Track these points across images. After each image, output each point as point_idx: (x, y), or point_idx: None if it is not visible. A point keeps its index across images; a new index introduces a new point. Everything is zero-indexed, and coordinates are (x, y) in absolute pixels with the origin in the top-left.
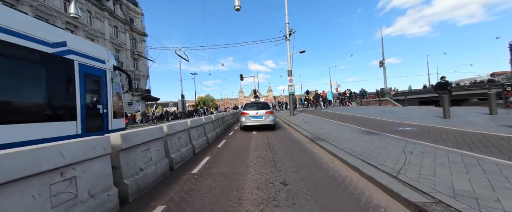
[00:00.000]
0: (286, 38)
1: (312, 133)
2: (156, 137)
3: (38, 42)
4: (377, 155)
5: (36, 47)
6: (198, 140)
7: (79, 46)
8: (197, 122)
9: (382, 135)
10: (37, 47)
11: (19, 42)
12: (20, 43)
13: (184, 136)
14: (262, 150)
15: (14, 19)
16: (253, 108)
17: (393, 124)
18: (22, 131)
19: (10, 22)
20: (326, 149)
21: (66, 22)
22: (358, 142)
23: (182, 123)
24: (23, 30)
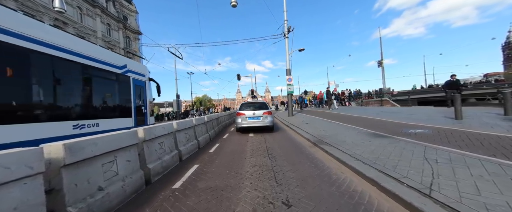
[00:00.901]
0: (284, 35)
1: (314, 136)
2: (126, 145)
3: (114, 67)
4: (394, 164)
5: (113, 70)
6: (187, 144)
7: (132, 66)
8: (185, 124)
9: (393, 138)
10: (113, 70)
11: (106, 68)
12: (107, 69)
13: (168, 141)
14: (259, 156)
15: (105, 54)
16: (250, 109)
17: (401, 126)
18: (109, 124)
19: (103, 57)
20: (333, 155)
21: (54, 19)
22: (368, 147)
23: (166, 126)
24: (108, 60)
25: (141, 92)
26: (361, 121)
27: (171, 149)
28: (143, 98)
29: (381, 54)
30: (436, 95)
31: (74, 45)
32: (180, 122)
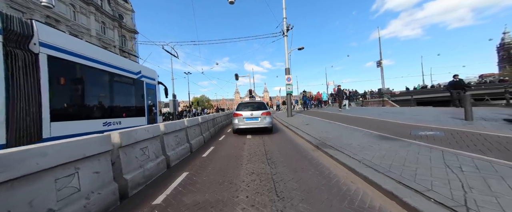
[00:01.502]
0: (283, 34)
1: (315, 138)
2: (93, 153)
3: (132, 73)
4: (413, 172)
5: (131, 76)
6: (177, 149)
7: (145, 71)
8: (175, 126)
9: (403, 141)
10: (131, 75)
11: (126, 75)
12: (127, 75)
13: (153, 146)
14: (257, 162)
15: (124, 63)
16: (248, 109)
17: (408, 127)
18: (128, 122)
19: (124, 65)
20: (339, 161)
21: (46, 16)
22: (377, 151)
23: (151, 128)
24: (127, 68)
25: (152, 94)
26: (364, 122)
27: (157, 155)
28: (154, 99)
29: (380, 54)
30: (438, 95)
31: (103, 57)
32: (169, 124)
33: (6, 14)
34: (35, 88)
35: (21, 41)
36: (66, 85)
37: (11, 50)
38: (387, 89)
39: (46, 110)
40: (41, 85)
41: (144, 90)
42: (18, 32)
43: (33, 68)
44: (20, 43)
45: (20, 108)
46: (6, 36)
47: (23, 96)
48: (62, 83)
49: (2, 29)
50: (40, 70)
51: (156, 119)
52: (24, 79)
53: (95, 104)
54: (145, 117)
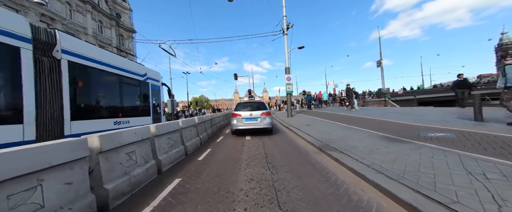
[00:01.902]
0: (283, 32)
1: (318, 139)
2: (63, 162)
3: (139, 75)
4: (431, 179)
5: (138, 78)
6: (170, 152)
7: (150, 73)
8: (168, 127)
9: (413, 143)
10: (138, 78)
11: (134, 77)
12: (134, 77)
13: (141, 149)
14: (257, 166)
15: (132, 66)
16: (247, 109)
17: (415, 128)
18: (135, 121)
19: (132, 68)
20: (346, 165)
21: (40, 14)
22: (386, 154)
23: (140, 130)
24: (135, 70)
25: (156, 95)
26: (367, 122)
27: (147, 160)
28: (158, 100)
29: (380, 53)
30: (441, 95)
31: (114, 61)
32: (161, 125)
33: (34, 26)
34: (58, 90)
35: (46, 49)
36: (83, 87)
37: (39, 57)
38: (387, 89)
39: (67, 110)
40: (63, 88)
41: (149, 91)
42: (44, 41)
43: (56, 72)
44: (45, 51)
45: (46, 108)
46: (35, 45)
47: (48, 98)
48: (80, 85)
49: (31, 39)
50: (62, 75)
51: (160, 119)
52: (49, 82)
53: (108, 104)
54: (150, 117)
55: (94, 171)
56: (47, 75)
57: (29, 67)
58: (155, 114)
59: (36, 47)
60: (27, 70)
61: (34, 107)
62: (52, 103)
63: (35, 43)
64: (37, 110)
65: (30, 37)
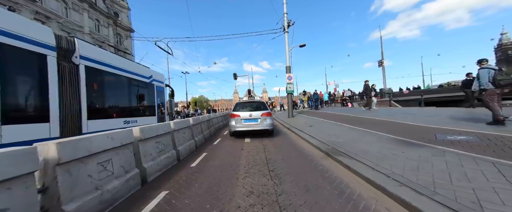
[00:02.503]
0: (284, 30)
1: (323, 142)
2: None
3: (145, 77)
4: (472, 196)
5: (144, 80)
6: (158, 158)
7: (155, 76)
8: (156, 130)
9: (432, 147)
10: (145, 80)
11: (141, 79)
12: (141, 80)
13: (120, 157)
14: (257, 174)
15: (139, 69)
16: (246, 109)
17: (428, 130)
18: (142, 121)
19: (139, 71)
20: (360, 175)
21: (35, 12)
22: (405, 161)
23: (118, 134)
24: (142, 73)
25: (161, 96)
26: (373, 123)
27: (128, 169)
28: (163, 100)
29: (381, 53)
30: (450, 95)
31: (124, 64)
32: (148, 128)
33: (57, 35)
34: (77, 92)
35: (67, 55)
36: (97, 89)
37: (61, 62)
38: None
39: (84, 110)
40: (81, 90)
41: (154, 92)
42: (65, 48)
43: (75, 76)
44: (66, 57)
45: (67, 108)
46: (58, 52)
47: (69, 99)
48: (95, 88)
49: (55, 47)
50: (80, 78)
51: (164, 118)
52: (69, 85)
53: (119, 105)
54: (155, 116)
55: (49, 188)
56: (68, 79)
57: (53, 72)
58: (160, 114)
59: (59, 54)
60: (52, 75)
61: (58, 108)
62: (72, 104)
63: (58, 50)
64: (60, 110)
65: (54, 45)
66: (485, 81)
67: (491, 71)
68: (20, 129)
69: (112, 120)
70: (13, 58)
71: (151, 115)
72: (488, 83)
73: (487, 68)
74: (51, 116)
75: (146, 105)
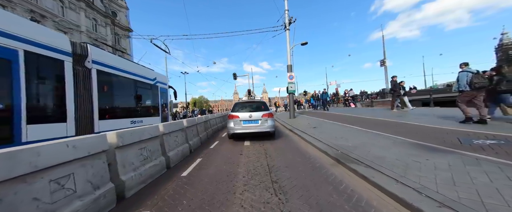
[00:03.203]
0: (285, 27)
1: (331, 146)
2: None
3: (150, 80)
4: None
5: (149, 82)
6: (141, 168)
7: (159, 77)
8: (141, 134)
9: (460, 154)
10: (149, 82)
11: (146, 81)
12: (146, 82)
13: (87, 170)
14: (258, 188)
15: (145, 71)
16: (246, 110)
17: (449, 133)
18: (147, 121)
19: (144, 73)
20: (382, 189)
21: (30, 11)
22: (434, 172)
23: (82, 142)
24: (147, 75)
25: (164, 97)
26: (383, 125)
27: (97, 185)
28: (166, 101)
29: (383, 53)
30: (454, 95)
31: (131, 67)
32: (128, 133)
33: (72, 42)
34: (89, 94)
35: (81, 60)
36: (107, 91)
37: (76, 67)
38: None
39: (96, 111)
40: (93, 92)
41: (158, 93)
42: (79, 54)
43: (88, 80)
44: (80, 62)
45: (81, 109)
46: (74, 57)
47: (83, 101)
48: (105, 90)
49: (72, 53)
50: (92, 81)
51: (167, 118)
52: (83, 88)
53: (126, 106)
54: (159, 116)
55: None
56: (81, 82)
57: (69, 76)
58: (163, 114)
59: (74, 59)
60: (68, 79)
61: (73, 109)
62: (86, 105)
63: (74, 56)
64: (76, 111)
65: (70, 51)
66: (463, 84)
67: (469, 74)
68: (42, 128)
69: (120, 120)
70: (36, 64)
71: (156, 115)
72: (465, 85)
73: (466, 71)
74: (68, 117)
75: (151, 106)
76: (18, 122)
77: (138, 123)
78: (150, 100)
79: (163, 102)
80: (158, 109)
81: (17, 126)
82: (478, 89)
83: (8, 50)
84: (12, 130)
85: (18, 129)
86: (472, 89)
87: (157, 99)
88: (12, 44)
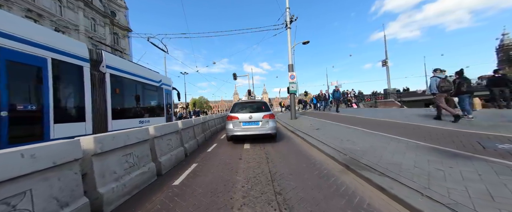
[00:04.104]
0: (286, 25)
1: (338, 150)
2: None
3: (155, 82)
4: None
5: (155, 84)
6: (126, 177)
7: (164, 80)
8: (127, 138)
9: (487, 160)
10: (155, 84)
11: (152, 83)
12: (153, 84)
13: (52, 184)
14: (260, 201)
15: (151, 74)
16: (246, 110)
17: (465, 136)
18: (154, 121)
19: (151, 76)
20: (406, 204)
21: (27, 10)
22: (462, 182)
23: (48, 150)
24: (153, 78)
25: (169, 98)
26: (391, 126)
27: (65, 201)
28: (170, 102)
29: (385, 52)
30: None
31: (139, 71)
32: (110, 137)
33: (90, 49)
34: (104, 96)
35: (97, 65)
36: (119, 93)
37: (92, 72)
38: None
39: (110, 111)
40: (107, 94)
41: (163, 95)
42: (95, 60)
43: (102, 83)
44: (96, 67)
45: (97, 110)
46: (91, 63)
47: (99, 102)
48: (117, 92)
49: (89, 59)
50: (106, 84)
51: (172, 117)
52: (98, 90)
53: (135, 106)
54: (164, 117)
55: None
56: (97, 85)
57: (87, 80)
58: (168, 114)
59: (91, 64)
60: (86, 82)
61: (91, 109)
62: (101, 106)
63: (91, 61)
64: (93, 112)
65: (88, 58)
66: (433, 87)
67: (438, 79)
68: (66, 127)
69: (130, 120)
70: (61, 70)
71: (161, 115)
72: (435, 88)
73: (435, 77)
74: (86, 117)
75: (156, 106)
76: (47, 121)
77: (146, 122)
78: (156, 101)
79: (167, 103)
80: (163, 110)
81: (46, 125)
82: (444, 92)
83: (40, 59)
84: (42, 128)
85: (47, 128)
86: (440, 91)
87: (163, 100)
88: (43, 53)
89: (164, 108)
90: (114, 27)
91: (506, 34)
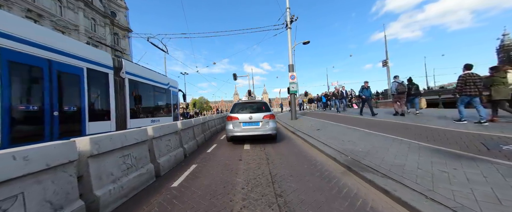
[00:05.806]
0: (286, 25)
1: (339, 151)
2: None
3: (164, 85)
4: None
5: (164, 87)
6: (123, 179)
7: (172, 82)
8: (126, 139)
9: (491, 162)
10: (164, 86)
11: (162, 86)
12: (162, 87)
13: (47, 187)
14: (259, 202)
15: (161, 77)
16: (246, 111)
17: (469, 136)
18: (163, 120)
19: (160, 79)
20: (412, 207)
21: (27, 10)
22: (468, 184)
23: (41, 153)
24: (162, 81)
25: (175, 99)
26: (392, 127)
27: (60, 204)
28: (177, 102)
29: (386, 52)
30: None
31: (151, 75)
32: (107, 138)
33: (113, 58)
34: (124, 98)
35: (118, 72)
36: (136, 96)
37: (115, 78)
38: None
39: (128, 112)
40: (126, 97)
41: (171, 96)
42: (117, 67)
43: (123, 87)
44: (118, 73)
45: (119, 110)
46: (114, 70)
47: (120, 104)
48: (134, 95)
49: (113, 67)
50: (126, 88)
51: (178, 117)
52: (119, 94)
53: (148, 107)
54: (171, 116)
55: None
56: (119, 89)
57: (112, 85)
58: (175, 114)
59: (114, 71)
60: (111, 87)
61: (115, 110)
62: (122, 107)
63: (114, 69)
64: (116, 112)
65: (111, 66)
66: (393, 90)
67: (396, 83)
68: (97, 125)
69: (144, 119)
70: (93, 77)
71: (169, 115)
72: (394, 90)
73: (395, 82)
74: (111, 116)
75: (165, 107)
76: (84, 120)
77: (156, 122)
78: (165, 102)
79: (174, 103)
80: (170, 110)
81: (83, 123)
82: (400, 93)
83: (78, 68)
84: (81, 126)
85: (84, 125)
86: (397, 93)
87: (170, 101)
88: (80, 64)
89: (171, 108)
90: (114, 27)
91: (506, 34)
